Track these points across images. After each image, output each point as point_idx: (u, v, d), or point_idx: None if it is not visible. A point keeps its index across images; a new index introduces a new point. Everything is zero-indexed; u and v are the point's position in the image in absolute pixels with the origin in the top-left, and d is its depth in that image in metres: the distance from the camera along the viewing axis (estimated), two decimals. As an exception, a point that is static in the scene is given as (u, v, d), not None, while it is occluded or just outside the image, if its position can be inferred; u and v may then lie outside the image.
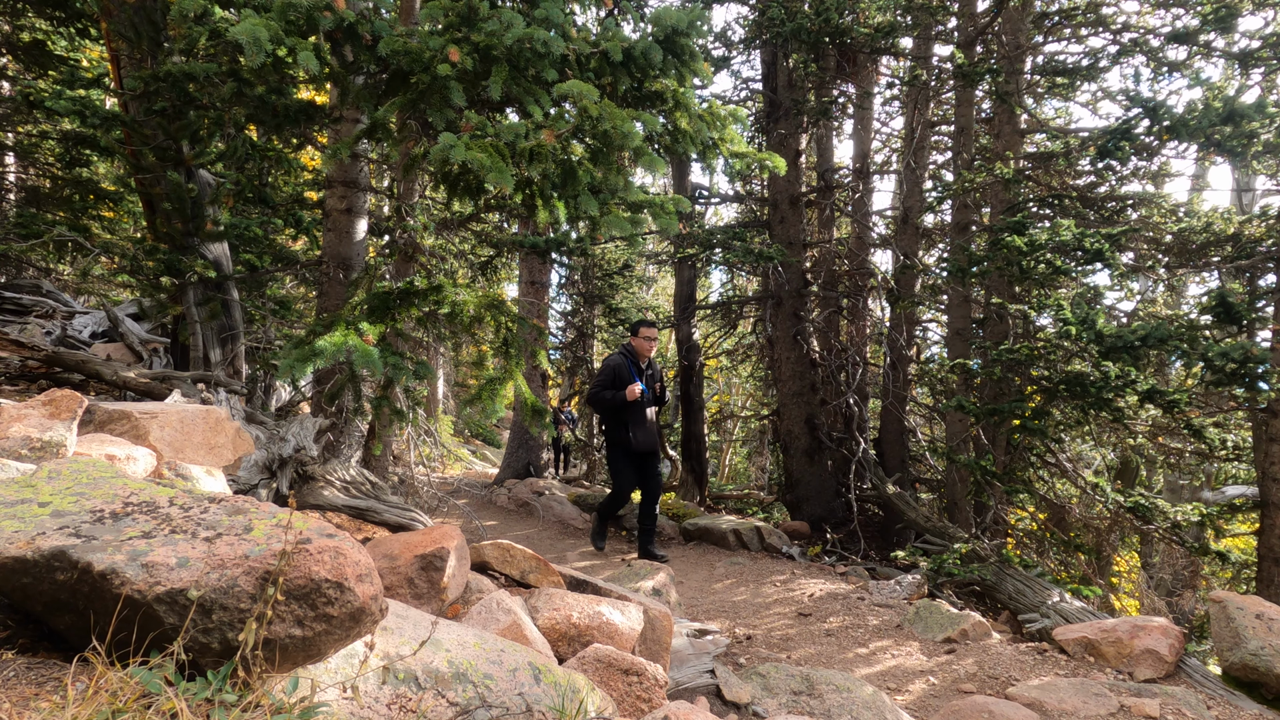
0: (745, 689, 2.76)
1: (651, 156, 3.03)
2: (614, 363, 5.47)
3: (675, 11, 3.10)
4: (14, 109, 8.75)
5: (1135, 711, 2.90)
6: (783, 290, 9.49)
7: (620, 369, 5.41)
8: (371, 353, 2.88)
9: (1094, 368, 5.31)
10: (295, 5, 2.80)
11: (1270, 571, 5.58)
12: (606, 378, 5.42)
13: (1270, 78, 6.28)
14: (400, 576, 2.25)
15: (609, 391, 5.37)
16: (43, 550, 1.21)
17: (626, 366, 5.43)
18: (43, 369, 3.97)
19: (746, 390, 20.27)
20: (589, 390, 5.51)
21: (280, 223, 6.70)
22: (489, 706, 1.58)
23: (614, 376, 5.40)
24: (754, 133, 10.25)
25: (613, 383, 5.39)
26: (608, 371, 5.43)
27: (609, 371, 5.43)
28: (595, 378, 5.55)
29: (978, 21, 8.36)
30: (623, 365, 5.43)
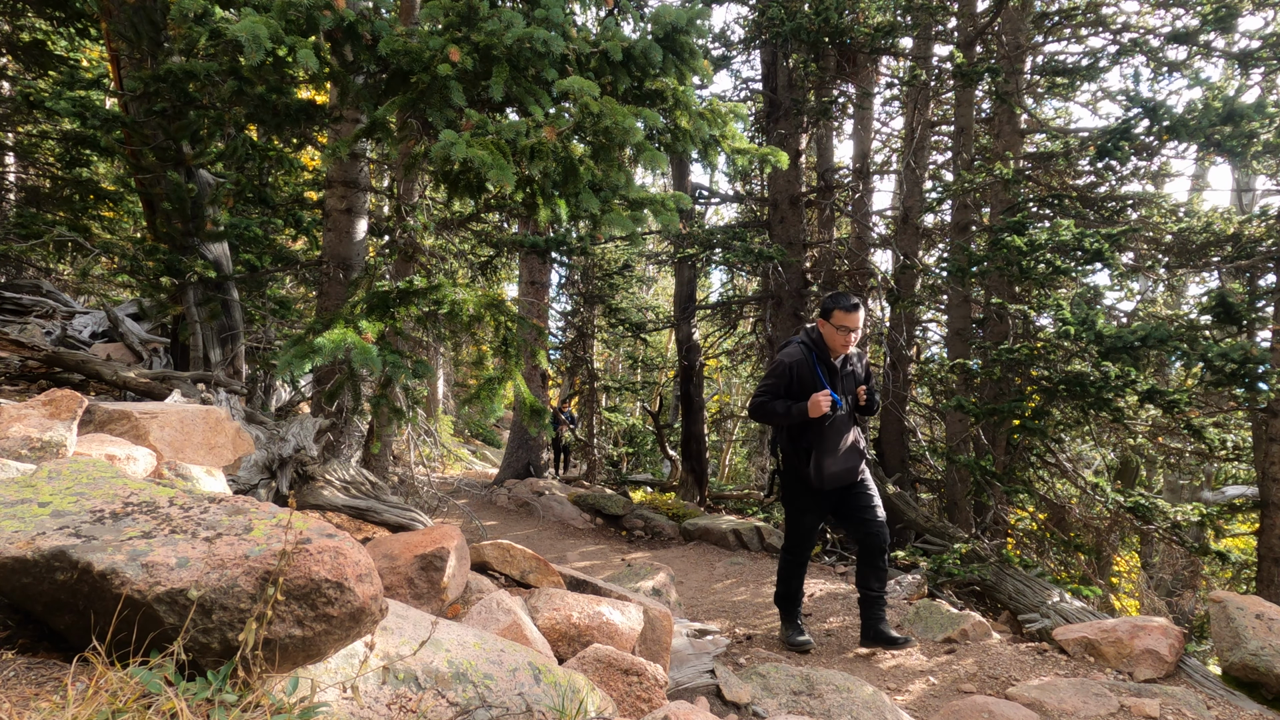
0: (745, 689, 2.76)
1: (653, 153, 3.02)
2: (790, 359, 3.66)
3: (675, 9, 3.10)
4: (14, 109, 8.74)
5: (1135, 711, 2.90)
6: (783, 290, 9.49)
7: (800, 369, 3.63)
8: (370, 350, 2.88)
9: (1094, 368, 5.31)
10: (295, 4, 2.80)
11: (1270, 571, 5.58)
12: (778, 382, 3.67)
13: (1270, 78, 6.28)
14: (400, 576, 2.25)
15: (781, 403, 3.61)
16: (43, 550, 1.21)
17: (810, 365, 3.63)
18: (43, 369, 3.97)
19: (746, 390, 20.27)
20: (752, 398, 3.75)
21: (280, 223, 6.69)
22: (489, 706, 1.58)
23: (789, 380, 3.65)
24: (754, 132, 10.26)
25: (787, 389, 3.66)
26: (780, 373, 3.67)
27: (782, 373, 3.66)
28: (763, 379, 3.78)
29: (978, 21, 8.36)
30: (804, 364, 3.63)
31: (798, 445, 3.72)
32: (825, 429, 3.63)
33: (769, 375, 3.77)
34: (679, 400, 12.92)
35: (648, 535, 8.44)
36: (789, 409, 3.58)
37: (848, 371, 3.75)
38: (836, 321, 3.59)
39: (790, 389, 3.65)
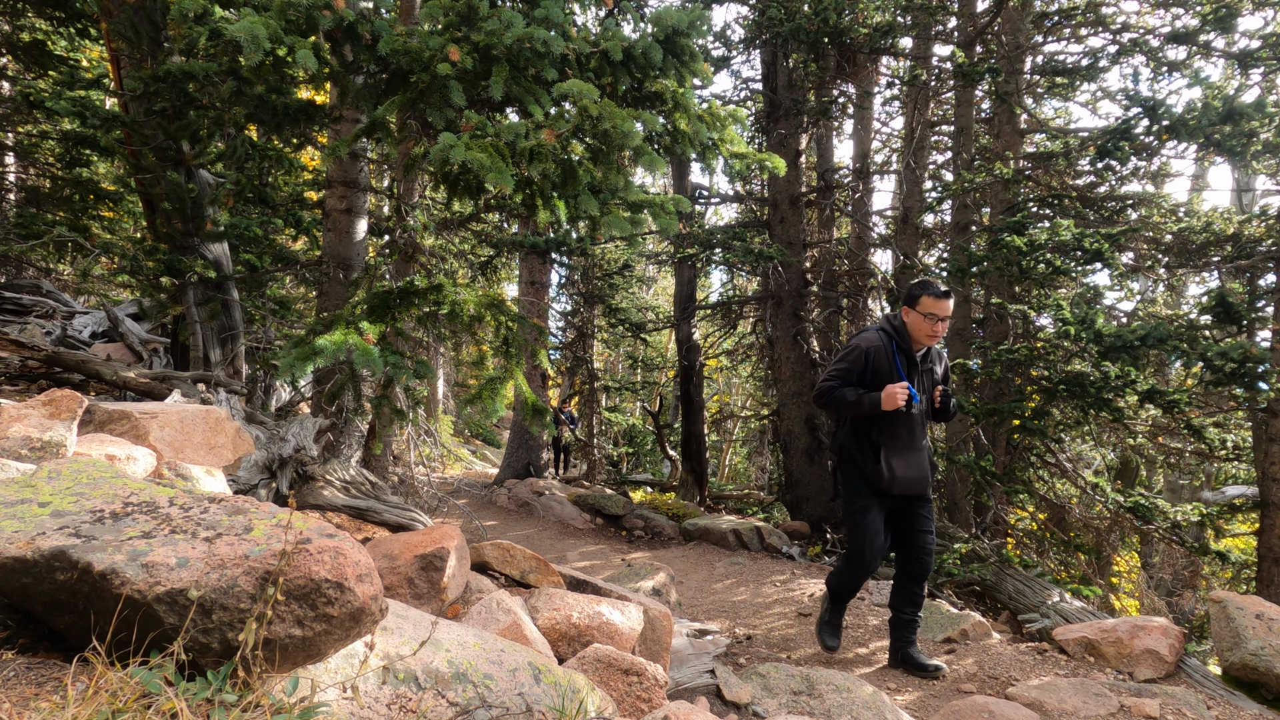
0: (745, 689, 2.76)
1: (652, 156, 3.03)
2: (868, 344, 3.30)
3: (675, 12, 3.10)
4: (14, 109, 8.75)
5: (1135, 711, 2.90)
6: (783, 290, 9.50)
7: (877, 357, 3.28)
8: (372, 352, 2.88)
9: (1094, 368, 5.31)
10: (295, 4, 2.80)
11: (1270, 571, 5.58)
12: (850, 368, 3.29)
13: (1270, 78, 6.28)
14: (400, 576, 2.25)
15: (851, 390, 3.25)
16: (43, 550, 1.21)
17: (888, 353, 3.29)
18: (43, 369, 3.97)
19: (746, 390, 20.27)
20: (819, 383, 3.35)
21: (280, 223, 6.69)
22: (489, 706, 1.58)
23: (863, 366, 3.28)
24: (754, 133, 10.26)
25: (860, 376, 3.29)
26: (854, 358, 3.29)
27: (856, 358, 3.29)
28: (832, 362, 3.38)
29: (977, 21, 8.36)
30: (882, 351, 3.28)
31: (863, 441, 3.36)
32: (896, 426, 3.29)
33: (841, 359, 3.36)
34: (679, 400, 12.92)
35: (648, 535, 8.45)
36: (859, 398, 3.21)
37: (927, 368, 3.39)
38: (925, 309, 3.21)
39: (863, 377, 3.30)
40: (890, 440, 3.29)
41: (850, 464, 3.44)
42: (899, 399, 3.14)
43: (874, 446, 3.31)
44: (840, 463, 3.53)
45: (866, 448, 3.34)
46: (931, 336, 3.26)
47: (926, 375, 3.39)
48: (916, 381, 3.34)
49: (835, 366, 3.36)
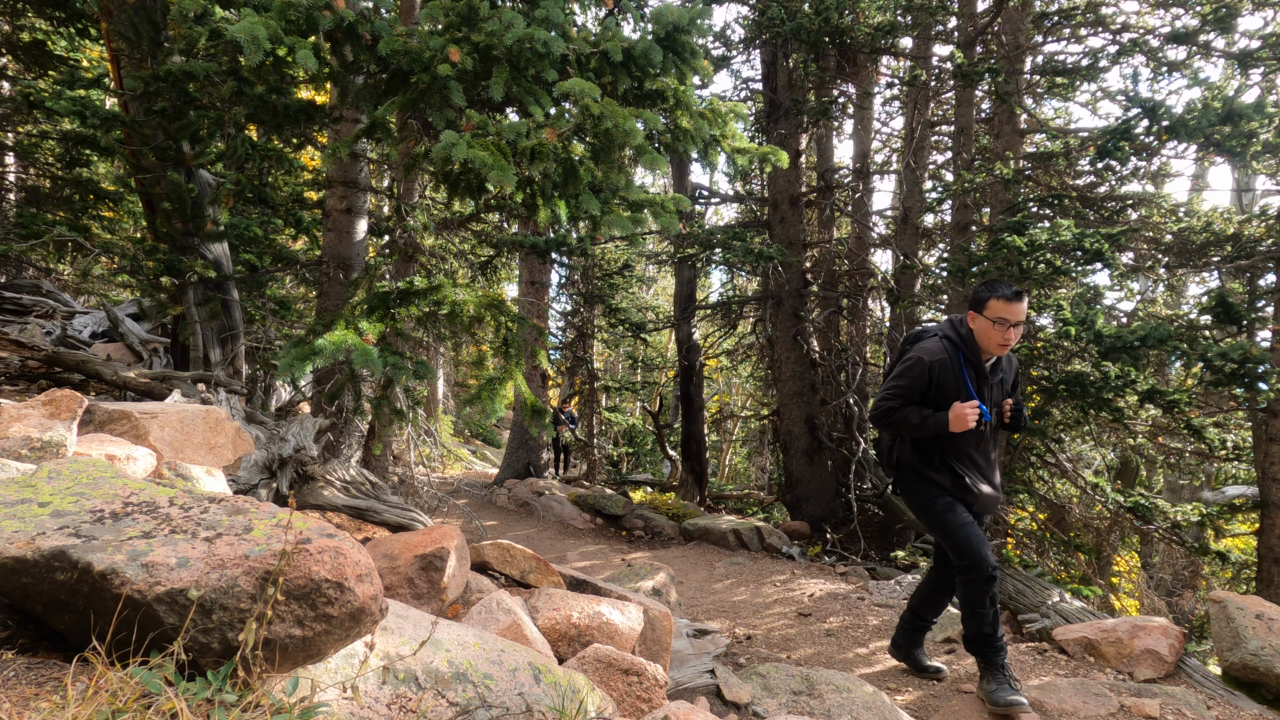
0: (745, 689, 2.76)
1: (653, 155, 3.03)
2: (931, 357, 2.94)
3: (676, 8, 3.10)
4: (14, 109, 8.75)
5: (1135, 711, 2.90)
6: (783, 290, 9.50)
7: (942, 372, 2.93)
8: (371, 352, 2.88)
9: (1094, 368, 5.31)
10: (295, 4, 2.80)
11: (1270, 571, 5.58)
12: (913, 384, 2.95)
13: (1270, 78, 6.28)
14: (400, 576, 2.25)
15: (915, 410, 2.92)
16: (43, 550, 1.21)
17: (955, 367, 2.94)
18: (43, 369, 3.97)
19: (746, 390, 20.27)
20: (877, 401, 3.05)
21: (280, 223, 6.70)
22: (489, 706, 1.58)
23: (926, 383, 2.94)
24: (754, 132, 10.26)
25: (922, 393, 2.95)
26: (916, 373, 2.94)
27: (919, 374, 2.94)
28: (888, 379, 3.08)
29: (978, 21, 8.36)
30: (947, 365, 2.93)
31: (931, 460, 3.02)
32: (965, 445, 2.97)
33: (901, 374, 2.99)
34: (679, 400, 12.92)
35: (648, 535, 8.45)
36: (925, 420, 2.89)
37: (997, 379, 3.03)
38: (993, 314, 2.85)
39: (926, 394, 2.94)
40: (961, 459, 2.99)
41: (912, 477, 3.09)
42: (969, 420, 2.79)
43: (943, 466, 3.01)
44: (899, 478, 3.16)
45: (939, 466, 3.02)
46: (1003, 346, 2.89)
47: (997, 388, 3.04)
48: (987, 396, 2.98)
49: (894, 384, 3.00)
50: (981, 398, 2.96)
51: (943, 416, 2.87)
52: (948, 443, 2.98)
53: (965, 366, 2.96)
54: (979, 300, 2.93)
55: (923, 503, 3.03)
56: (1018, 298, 2.85)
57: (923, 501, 3.03)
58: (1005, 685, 2.87)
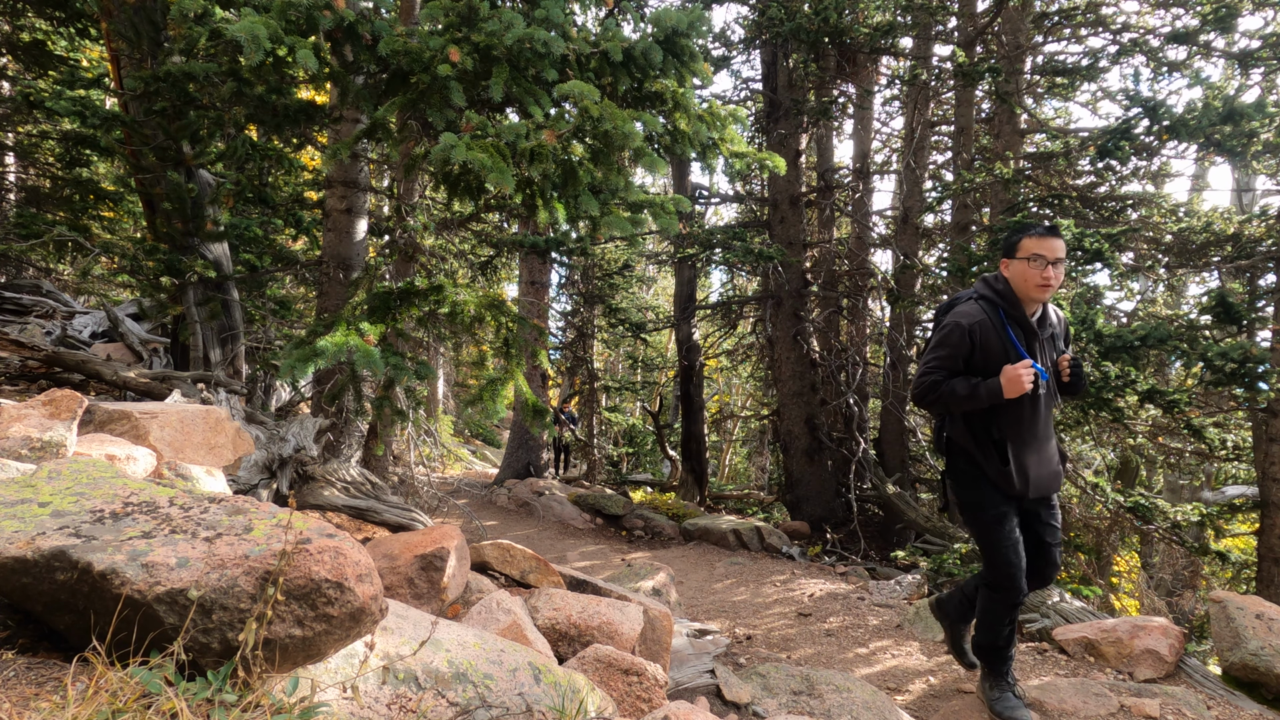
0: (745, 689, 2.76)
1: (652, 157, 3.03)
2: (967, 320, 2.60)
3: (675, 12, 3.11)
4: (14, 109, 8.75)
5: (1135, 711, 2.90)
6: (783, 290, 9.50)
7: (984, 333, 2.58)
8: (373, 353, 2.88)
9: (1094, 368, 5.30)
10: (295, 4, 2.80)
11: (1270, 571, 5.58)
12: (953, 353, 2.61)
13: (1270, 78, 6.28)
14: (400, 576, 2.25)
15: (961, 382, 2.57)
16: (43, 550, 1.21)
17: (997, 326, 2.60)
18: (43, 369, 3.97)
19: (746, 390, 20.28)
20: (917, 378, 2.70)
21: (280, 223, 6.70)
22: (489, 706, 1.58)
23: (969, 349, 2.59)
24: (754, 133, 10.26)
25: (966, 361, 2.61)
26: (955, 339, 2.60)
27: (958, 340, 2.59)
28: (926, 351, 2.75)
29: (978, 21, 8.36)
30: (987, 326, 2.59)
31: (982, 437, 2.66)
32: (1021, 415, 2.60)
33: (938, 344, 2.65)
34: (679, 400, 12.92)
35: (648, 535, 8.45)
36: (974, 389, 2.52)
37: (1047, 334, 2.68)
38: (1027, 251, 2.55)
39: (971, 361, 2.60)
40: (1017, 433, 2.61)
41: (965, 464, 2.73)
42: (1025, 381, 2.43)
43: (997, 444, 2.64)
44: (951, 464, 2.80)
45: (988, 446, 2.65)
46: (1044, 286, 2.55)
47: (1049, 344, 2.69)
48: (1039, 354, 2.63)
49: (933, 355, 2.66)
50: (1034, 357, 2.60)
51: (994, 383, 2.50)
52: (1001, 415, 2.61)
53: (1009, 324, 2.61)
54: (1010, 245, 2.64)
55: (971, 504, 2.73)
56: (1052, 233, 2.56)
57: (971, 502, 2.73)
58: (1009, 694, 2.79)
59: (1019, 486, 2.61)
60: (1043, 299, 2.59)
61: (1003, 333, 2.60)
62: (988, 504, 2.67)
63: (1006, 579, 2.64)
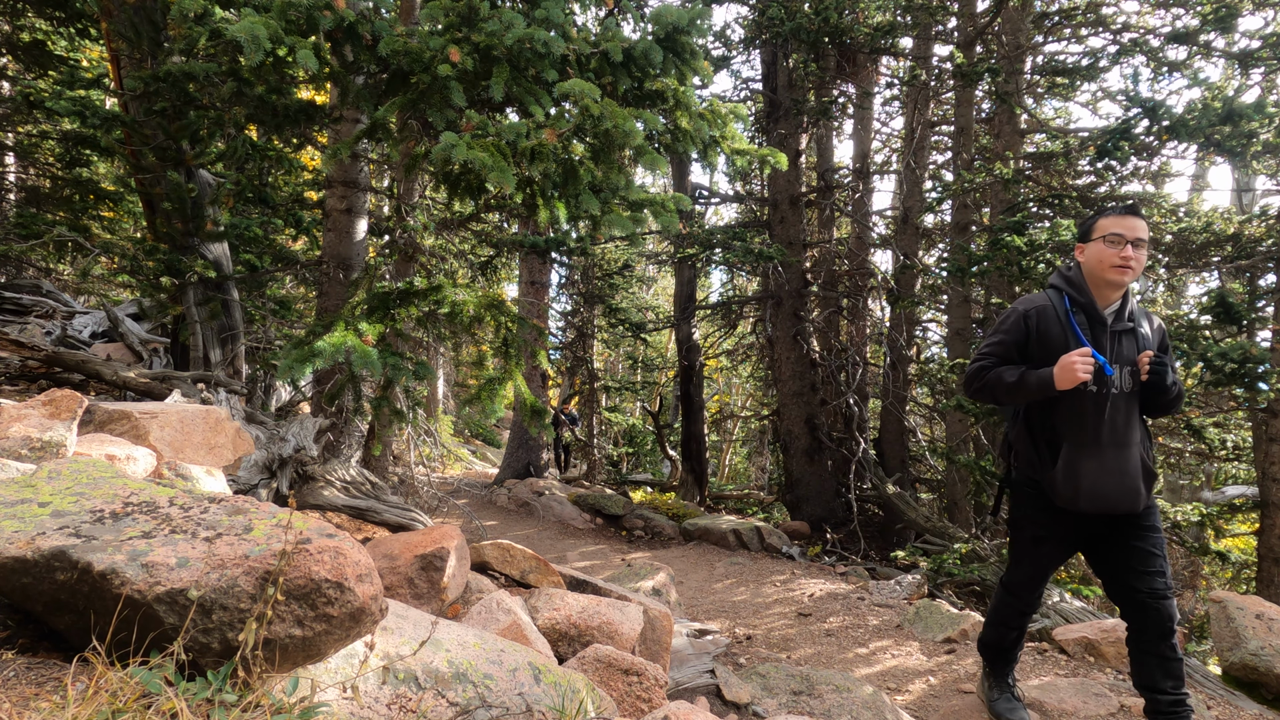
0: (745, 689, 2.76)
1: (653, 155, 3.03)
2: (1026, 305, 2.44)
3: (676, 9, 3.10)
4: (14, 109, 8.75)
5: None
6: (783, 290, 9.50)
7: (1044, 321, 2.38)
8: (371, 353, 2.88)
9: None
10: (295, 5, 2.80)
11: (1270, 571, 5.58)
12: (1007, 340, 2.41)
13: (1270, 78, 6.28)
14: (400, 576, 2.25)
15: (1010, 370, 2.37)
16: (43, 550, 1.21)
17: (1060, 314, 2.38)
18: (43, 369, 3.97)
19: (746, 390, 20.27)
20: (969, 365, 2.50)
21: (280, 223, 6.70)
22: (489, 706, 1.58)
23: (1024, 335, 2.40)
24: (754, 133, 10.26)
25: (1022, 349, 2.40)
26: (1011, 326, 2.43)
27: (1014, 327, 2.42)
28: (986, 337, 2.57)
29: (978, 21, 8.36)
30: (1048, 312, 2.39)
31: (1037, 436, 2.41)
32: (1082, 413, 2.31)
33: (993, 330, 2.48)
34: (679, 400, 12.92)
35: (648, 535, 8.45)
36: (1022, 377, 2.30)
37: (1125, 327, 2.35)
38: (1103, 230, 2.30)
39: (1026, 350, 2.38)
40: (1075, 434, 2.32)
41: (1022, 469, 2.50)
42: (1079, 371, 2.17)
43: (1051, 444, 2.37)
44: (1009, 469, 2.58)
45: (1043, 448, 2.39)
46: (1121, 269, 2.27)
47: (1125, 339, 2.35)
48: (1109, 347, 2.33)
49: (988, 342, 2.47)
50: (1101, 349, 2.31)
51: (1046, 372, 2.25)
52: (1060, 412, 2.34)
53: (1074, 311, 2.36)
54: (1086, 228, 2.41)
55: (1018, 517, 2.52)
56: (1131, 211, 2.31)
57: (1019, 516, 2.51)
58: (1008, 695, 2.72)
59: (1065, 494, 2.32)
60: (1121, 282, 2.31)
61: (1065, 320, 2.36)
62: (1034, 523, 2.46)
63: (1018, 584, 2.55)
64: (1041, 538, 2.46)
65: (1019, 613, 2.61)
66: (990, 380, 2.38)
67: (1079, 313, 2.38)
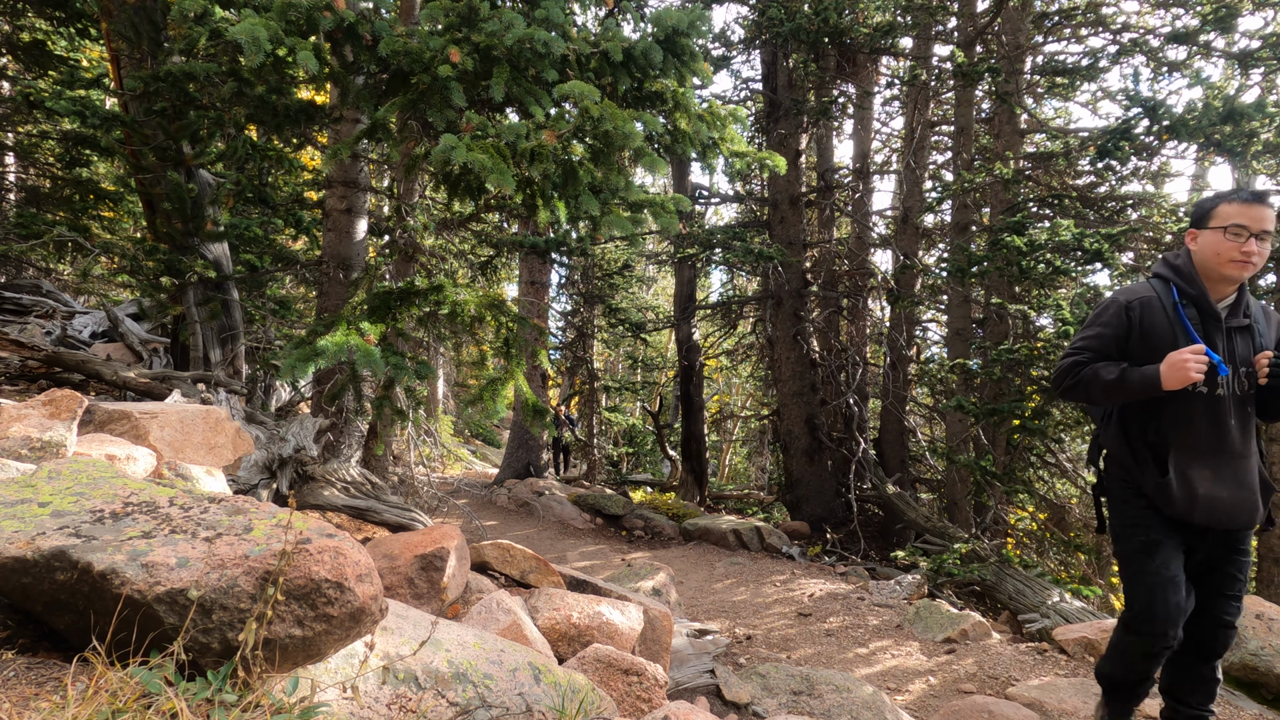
0: (745, 689, 2.76)
1: (652, 157, 3.03)
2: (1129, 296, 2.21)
3: (676, 12, 3.11)
4: (14, 109, 8.75)
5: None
6: (783, 290, 9.50)
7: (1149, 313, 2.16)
8: (373, 353, 2.88)
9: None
10: (295, 5, 2.80)
11: (1270, 571, 5.58)
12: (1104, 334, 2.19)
13: (1270, 78, 6.28)
14: (400, 576, 2.25)
15: (1108, 366, 2.14)
16: (43, 550, 1.21)
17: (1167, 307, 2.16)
18: (43, 369, 3.97)
19: (746, 390, 20.27)
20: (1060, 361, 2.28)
21: (280, 223, 6.70)
22: (489, 706, 1.58)
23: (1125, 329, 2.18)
24: (754, 133, 10.26)
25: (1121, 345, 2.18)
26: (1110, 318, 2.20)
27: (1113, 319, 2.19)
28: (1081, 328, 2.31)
29: (978, 21, 8.36)
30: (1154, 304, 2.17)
31: (1137, 442, 2.19)
32: (1191, 417, 2.09)
33: (1089, 323, 2.24)
34: (679, 400, 12.92)
35: (648, 535, 8.45)
36: (1123, 374, 2.08)
37: (1241, 324, 2.14)
38: (1224, 219, 2.07)
39: (1128, 346, 2.15)
40: (1184, 439, 2.11)
41: (1119, 476, 2.26)
42: (1192, 370, 1.97)
43: (1155, 450, 2.15)
44: (1103, 476, 2.33)
45: (1144, 452, 2.17)
46: (1240, 263, 2.05)
47: (1242, 335, 2.13)
48: (1222, 345, 2.11)
49: (1080, 336, 2.23)
50: (1214, 347, 2.09)
51: (1151, 370, 2.04)
52: (1163, 414, 2.12)
53: (1183, 304, 2.13)
54: (1202, 212, 2.15)
55: (1119, 528, 2.24)
56: (1259, 200, 2.06)
57: (1120, 526, 2.24)
58: None
59: (1180, 505, 2.09)
60: (1238, 277, 2.09)
61: (1173, 314, 2.13)
62: (1138, 527, 2.18)
63: (1146, 621, 2.11)
64: (1155, 542, 2.15)
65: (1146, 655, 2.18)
66: (1085, 377, 2.15)
67: (1189, 306, 2.15)
